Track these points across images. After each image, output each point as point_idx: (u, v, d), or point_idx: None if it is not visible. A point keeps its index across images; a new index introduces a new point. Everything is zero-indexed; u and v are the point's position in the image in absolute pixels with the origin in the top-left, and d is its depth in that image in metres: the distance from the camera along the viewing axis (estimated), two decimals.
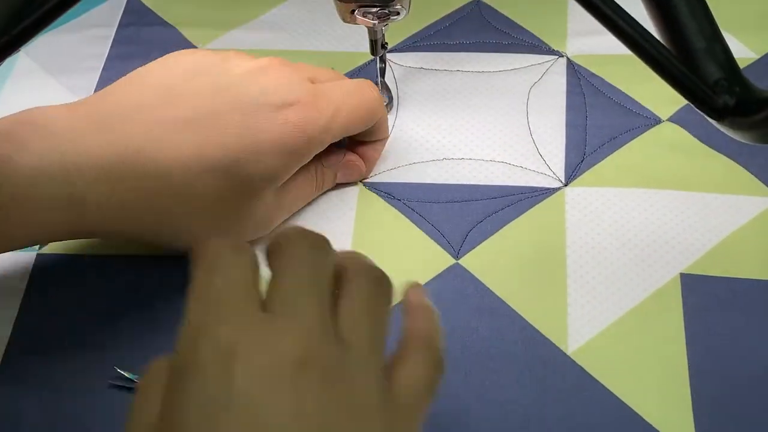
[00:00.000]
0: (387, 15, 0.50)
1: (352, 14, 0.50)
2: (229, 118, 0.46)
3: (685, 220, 0.52)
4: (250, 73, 0.47)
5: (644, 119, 0.56)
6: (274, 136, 0.46)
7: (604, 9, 0.35)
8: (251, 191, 0.47)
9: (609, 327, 0.48)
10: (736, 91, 0.36)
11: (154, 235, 0.49)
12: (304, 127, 0.47)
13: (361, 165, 0.54)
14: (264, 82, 0.47)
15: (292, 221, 0.53)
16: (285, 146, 0.47)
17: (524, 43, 0.61)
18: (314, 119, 0.47)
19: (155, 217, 0.47)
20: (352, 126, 0.51)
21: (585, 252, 0.51)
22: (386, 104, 0.57)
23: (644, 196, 0.53)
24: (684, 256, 0.50)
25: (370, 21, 0.51)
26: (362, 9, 0.50)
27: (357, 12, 0.50)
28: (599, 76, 0.58)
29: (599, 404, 0.45)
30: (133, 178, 0.45)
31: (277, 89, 0.47)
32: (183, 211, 0.47)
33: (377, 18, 0.50)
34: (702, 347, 0.47)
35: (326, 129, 0.48)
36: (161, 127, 0.45)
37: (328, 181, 0.53)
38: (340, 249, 0.53)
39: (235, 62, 0.48)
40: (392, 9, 0.50)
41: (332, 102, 0.49)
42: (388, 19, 0.51)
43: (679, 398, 0.45)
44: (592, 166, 0.54)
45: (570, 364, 0.47)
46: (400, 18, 0.51)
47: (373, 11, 0.50)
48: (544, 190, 0.53)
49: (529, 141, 0.56)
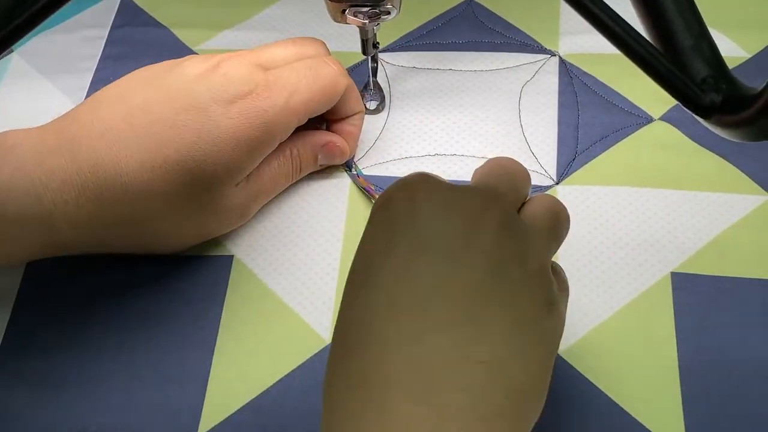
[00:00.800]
0: (378, 14, 0.50)
1: (343, 14, 0.50)
2: (184, 119, 0.47)
3: (677, 218, 0.52)
4: (201, 73, 0.48)
5: (636, 118, 0.56)
6: (230, 130, 0.47)
7: (592, 7, 0.35)
8: (215, 185, 0.48)
9: (599, 325, 0.48)
10: (723, 88, 0.36)
11: (130, 242, 0.50)
12: (260, 115, 0.48)
13: (342, 144, 0.54)
14: (215, 79, 0.48)
15: (282, 213, 0.53)
16: (243, 138, 0.47)
17: (516, 42, 0.61)
18: (269, 106, 0.48)
19: (124, 223, 0.48)
20: (315, 105, 0.51)
21: (576, 251, 0.51)
22: (378, 104, 0.57)
23: (635, 194, 0.53)
24: (675, 255, 0.50)
25: (361, 21, 0.51)
26: (353, 9, 0.50)
27: (348, 12, 0.50)
28: (591, 75, 0.59)
29: (589, 403, 0.46)
30: (94, 188, 0.46)
31: (229, 84, 0.48)
32: (149, 214, 0.47)
33: (368, 18, 0.50)
34: (692, 346, 0.47)
35: (285, 113, 0.49)
36: (121, 138, 0.46)
37: (308, 165, 0.54)
38: (330, 245, 0.53)
39: (188, 65, 0.49)
40: (383, 8, 0.50)
41: (287, 86, 0.49)
42: (378, 19, 0.51)
43: (669, 397, 0.46)
44: (584, 165, 0.54)
45: (560, 363, 0.47)
46: (390, 17, 0.51)
47: (364, 11, 0.50)
48: (536, 188, 0.53)
49: (521, 139, 0.56)
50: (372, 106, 0.58)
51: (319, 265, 0.51)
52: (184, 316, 0.50)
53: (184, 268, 0.51)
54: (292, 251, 0.52)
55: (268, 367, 0.48)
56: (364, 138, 0.56)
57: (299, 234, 0.52)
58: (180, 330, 0.49)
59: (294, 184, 0.54)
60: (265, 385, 0.47)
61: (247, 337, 0.49)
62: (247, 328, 0.49)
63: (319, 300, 0.50)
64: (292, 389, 0.47)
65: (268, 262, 0.51)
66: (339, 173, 0.55)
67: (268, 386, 0.47)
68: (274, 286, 0.51)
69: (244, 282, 0.51)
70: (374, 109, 0.58)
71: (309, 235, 0.52)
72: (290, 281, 0.51)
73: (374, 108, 0.58)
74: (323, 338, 0.49)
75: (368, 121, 0.57)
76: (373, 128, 0.57)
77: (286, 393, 0.47)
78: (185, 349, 0.49)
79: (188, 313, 0.50)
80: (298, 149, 0.53)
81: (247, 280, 0.51)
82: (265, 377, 0.48)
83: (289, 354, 0.48)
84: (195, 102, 0.47)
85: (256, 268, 0.51)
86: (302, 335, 0.49)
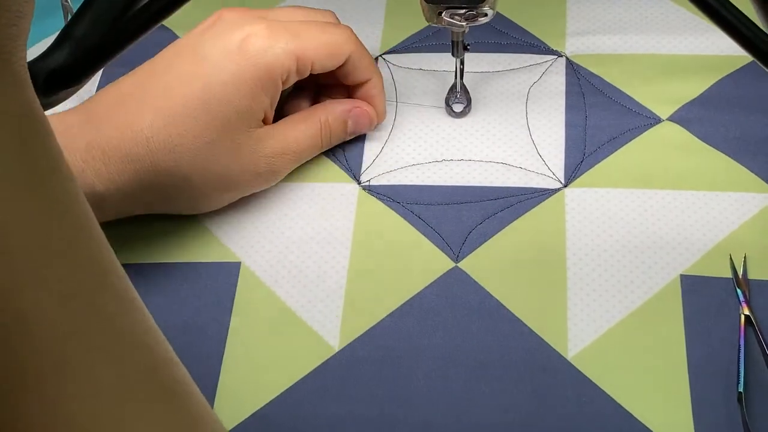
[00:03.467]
0: (475, 16, 0.50)
1: (440, 16, 0.50)
2: (192, 69, 0.50)
3: (686, 220, 0.52)
4: (205, 27, 0.52)
5: (644, 119, 0.56)
6: (234, 72, 0.49)
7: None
8: (229, 130, 0.50)
9: (609, 330, 0.48)
10: None
11: (162, 196, 0.51)
12: (260, 54, 0.50)
13: (370, 109, 0.55)
14: (217, 28, 0.51)
15: (292, 220, 0.53)
16: (247, 79, 0.50)
17: (523, 43, 0.60)
18: (270, 46, 0.50)
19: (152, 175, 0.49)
20: (316, 56, 0.52)
21: (585, 254, 0.51)
22: (464, 107, 0.57)
23: (644, 196, 0.53)
24: (684, 257, 0.50)
25: (458, 22, 0.50)
26: (449, 11, 0.50)
27: (444, 14, 0.50)
28: (598, 76, 0.58)
29: (599, 409, 0.45)
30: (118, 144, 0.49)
31: (229, 29, 0.50)
32: (174, 164, 0.49)
33: (465, 20, 0.50)
34: (702, 350, 0.47)
35: (285, 55, 0.50)
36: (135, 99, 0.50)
37: (337, 132, 0.55)
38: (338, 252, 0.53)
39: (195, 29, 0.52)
40: (480, 11, 0.50)
41: (287, 30, 0.51)
42: (476, 20, 0.50)
43: (679, 402, 0.45)
44: (592, 167, 0.54)
45: (570, 369, 0.47)
46: (487, 19, 0.50)
47: (461, 13, 0.50)
48: (544, 191, 0.53)
49: (529, 141, 0.56)
50: (458, 108, 0.57)
51: (327, 272, 0.51)
52: (192, 323, 0.50)
53: (192, 274, 0.51)
54: (300, 258, 0.52)
55: (277, 375, 0.48)
56: (370, 146, 0.56)
57: (307, 241, 0.52)
58: (188, 337, 0.49)
59: (302, 192, 0.54)
60: (273, 394, 0.47)
61: (255, 345, 0.49)
62: (254, 336, 0.49)
63: (327, 308, 0.50)
64: (300, 397, 0.47)
65: (276, 270, 0.51)
66: (347, 181, 0.55)
67: (276, 395, 0.47)
68: (281, 294, 0.50)
69: (251, 289, 0.51)
70: (460, 112, 0.57)
71: (317, 243, 0.52)
72: (298, 289, 0.50)
73: (460, 111, 0.57)
74: (331, 346, 0.48)
75: (375, 128, 0.57)
76: (379, 135, 0.56)
77: (294, 401, 0.47)
78: (193, 357, 0.49)
79: (196, 320, 0.50)
80: (327, 116, 0.54)
81: (255, 287, 0.51)
82: (273, 385, 0.48)
83: (297, 362, 0.48)
84: (200, 51, 0.50)
85: (263, 275, 0.51)
86: (310, 343, 0.49)
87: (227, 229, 0.53)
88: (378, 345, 0.48)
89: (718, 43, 0.59)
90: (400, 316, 0.49)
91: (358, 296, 0.50)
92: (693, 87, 0.57)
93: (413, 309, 0.49)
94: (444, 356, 0.48)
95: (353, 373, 0.48)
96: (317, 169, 0.55)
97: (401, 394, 0.47)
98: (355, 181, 0.55)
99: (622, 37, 0.60)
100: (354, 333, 0.49)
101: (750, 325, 0.47)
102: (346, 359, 0.48)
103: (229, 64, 0.49)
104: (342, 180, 0.55)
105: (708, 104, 0.56)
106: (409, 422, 0.46)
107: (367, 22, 0.62)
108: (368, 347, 0.48)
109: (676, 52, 0.59)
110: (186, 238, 0.53)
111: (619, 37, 0.60)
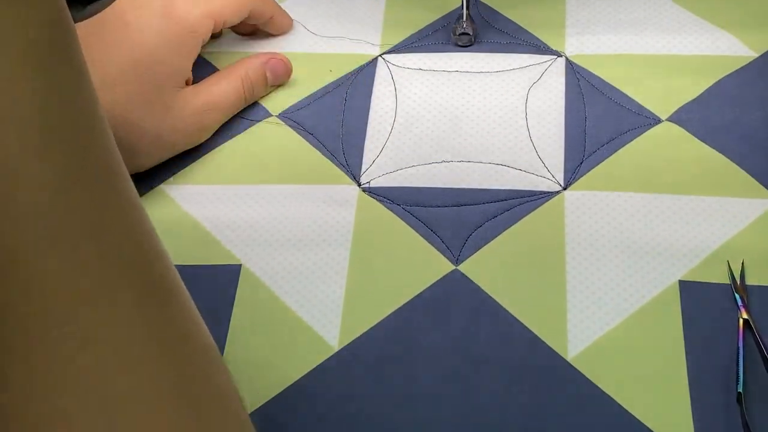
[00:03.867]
0: None
1: None
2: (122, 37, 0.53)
3: (685, 225, 0.52)
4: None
5: (644, 119, 0.56)
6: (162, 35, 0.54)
7: None
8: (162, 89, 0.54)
9: (608, 333, 0.48)
10: None
11: None
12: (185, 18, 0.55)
13: (283, 57, 0.59)
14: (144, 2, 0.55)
15: (290, 221, 0.53)
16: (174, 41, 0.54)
17: (523, 43, 0.60)
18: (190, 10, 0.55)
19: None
20: (230, 11, 0.57)
21: (584, 258, 0.51)
22: (470, 38, 0.59)
23: (643, 200, 0.53)
24: (682, 262, 0.50)
25: None
26: None
27: None
28: (598, 76, 0.58)
29: (599, 410, 0.46)
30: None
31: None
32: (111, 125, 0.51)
33: None
34: (702, 351, 0.47)
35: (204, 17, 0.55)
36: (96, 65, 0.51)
37: (259, 85, 0.58)
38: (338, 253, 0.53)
39: None
40: None
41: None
42: None
43: (678, 404, 0.45)
44: (592, 168, 0.54)
45: (570, 371, 0.47)
46: None
47: None
48: (543, 194, 0.53)
49: (528, 143, 0.56)
50: (463, 41, 0.59)
51: (327, 273, 0.51)
52: None
53: (192, 276, 0.51)
54: (299, 260, 0.52)
55: (277, 374, 0.48)
56: (371, 146, 0.56)
57: (307, 242, 0.52)
58: None
59: (302, 193, 0.54)
60: (273, 393, 0.47)
61: (255, 345, 0.49)
62: (255, 336, 0.49)
63: (326, 308, 0.50)
64: (300, 397, 0.47)
65: (276, 271, 0.51)
66: (347, 183, 0.55)
67: (276, 394, 0.47)
68: (281, 294, 0.50)
69: (252, 290, 0.51)
70: (463, 44, 0.59)
71: (317, 244, 0.52)
72: (298, 289, 0.51)
73: (464, 43, 0.59)
74: (331, 346, 0.49)
75: (375, 128, 0.57)
76: (379, 136, 0.56)
77: (294, 401, 0.47)
78: None
79: None
80: (246, 70, 0.58)
81: (255, 288, 0.51)
82: (273, 385, 0.48)
83: (296, 362, 0.48)
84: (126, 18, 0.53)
85: (264, 276, 0.51)
86: (310, 343, 0.49)
87: (228, 233, 0.53)
88: (378, 345, 0.48)
89: (718, 43, 0.59)
90: (400, 317, 0.49)
91: (358, 297, 0.50)
92: (693, 87, 0.57)
93: (413, 310, 0.49)
94: (444, 357, 0.48)
95: (353, 373, 0.48)
96: (317, 170, 0.55)
97: (401, 394, 0.47)
98: (355, 182, 0.55)
99: (622, 37, 0.60)
100: (354, 333, 0.49)
101: (748, 329, 0.47)
102: (346, 359, 0.48)
103: (156, 28, 0.54)
104: (342, 182, 0.55)
105: (708, 104, 0.56)
106: (409, 422, 0.46)
107: (367, 22, 0.62)
108: (368, 347, 0.48)
109: (676, 52, 0.59)
110: (186, 240, 0.53)
111: (619, 37, 0.60)
